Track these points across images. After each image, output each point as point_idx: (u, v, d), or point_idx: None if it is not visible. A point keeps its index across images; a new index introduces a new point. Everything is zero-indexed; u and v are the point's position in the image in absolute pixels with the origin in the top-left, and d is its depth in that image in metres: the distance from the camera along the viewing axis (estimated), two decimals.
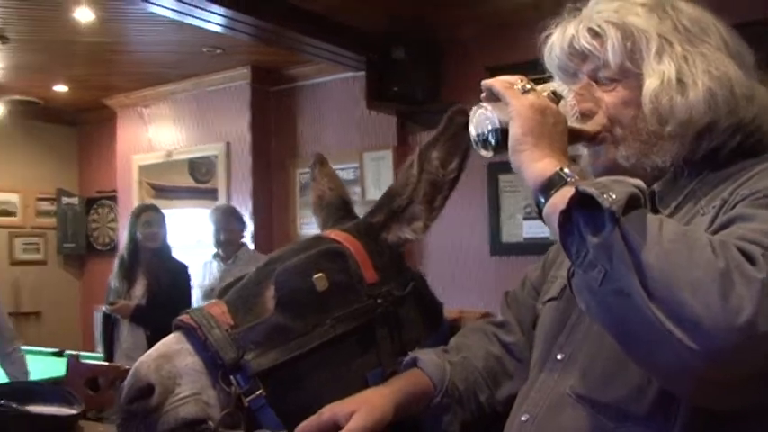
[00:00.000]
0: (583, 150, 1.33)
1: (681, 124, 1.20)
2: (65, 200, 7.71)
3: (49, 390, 1.67)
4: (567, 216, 1.02)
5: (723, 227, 1.06)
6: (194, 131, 6.36)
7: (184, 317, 1.36)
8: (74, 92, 6.78)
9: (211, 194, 6.22)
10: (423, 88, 5.01)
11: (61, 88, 6.71)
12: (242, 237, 5.00)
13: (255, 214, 5.94)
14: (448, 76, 5.10)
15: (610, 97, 1.26)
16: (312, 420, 1.27)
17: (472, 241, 5.18)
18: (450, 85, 5.08)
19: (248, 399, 1.31)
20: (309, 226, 5.93)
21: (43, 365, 4.31)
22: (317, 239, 1.52)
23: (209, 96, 6.23)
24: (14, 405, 1.50)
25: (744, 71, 1.24)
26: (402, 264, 1.56)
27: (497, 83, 1.20)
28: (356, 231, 1.53)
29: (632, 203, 0.98)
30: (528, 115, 1.15)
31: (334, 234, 1.52)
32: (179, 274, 4.78)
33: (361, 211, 1.69)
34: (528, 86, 1.17)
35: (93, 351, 5.83)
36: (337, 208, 1.72)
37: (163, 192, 6.65)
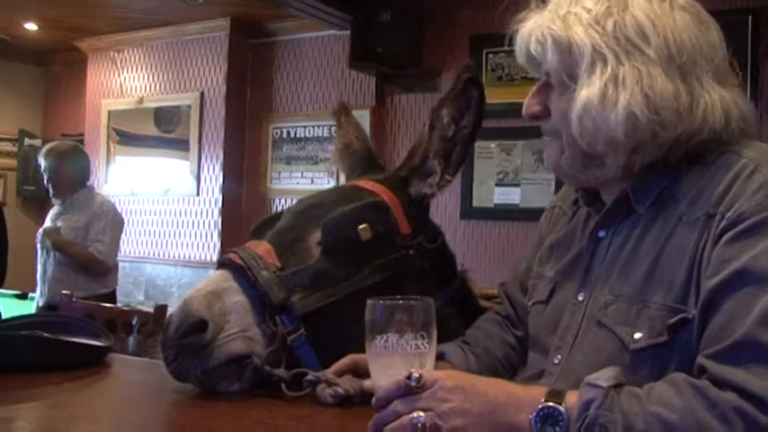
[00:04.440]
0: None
1: (606, 144, 1.20)
2: (27, 141, 7.55)
3: (75, 323, 1.69)
4: None
5: (722, 289, 1.06)
6: (168, 80, 6.29)
7: (232, 255, 1.41)
8: (44, 31, 6.63)
9: (182, 145, 6.17)
10: (405, 51, 5.05)
11: (31, 26, 6.55)
12: (79, 178, 4.47)
13: (226, 166, 5.92)
14: (431, 41, 5.14)
15: (557, 105, 1.26)
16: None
17: (444, 204, 5.26)
18: (432, 51, 5.13)
19: (291, 338, 1.37)
20: (279, 181, 5.95)
21: (7, 307, 4.28)
22: (356, 189, 1.58)
23: (185, 45, 6.17)
24: (46, 335, 1.53)
25: (690, 77, 1.18)
26: (427, 217, 1.64)
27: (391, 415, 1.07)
28: (389, 184, 1.59)
29: None
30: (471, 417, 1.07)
31: (371, 185, 1.58)
32: None
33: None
34: (416, 376, 1.07)
35: None
36: (363, 157, 1.79)
37: (127, 138, 6.57)
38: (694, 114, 1.18)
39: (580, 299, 1.29)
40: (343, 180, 5.94)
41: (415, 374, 1.06)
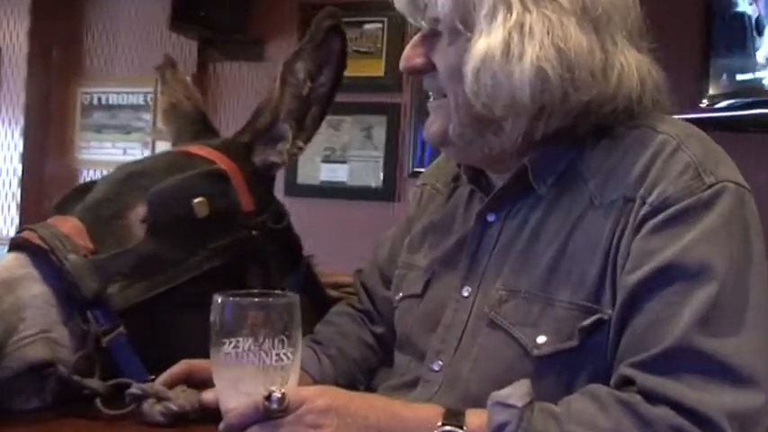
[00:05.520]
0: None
1: (507, 106, 1.01)
2: None
3: None
4: None
5: (645, 286, 0.92)
6: None
7: (29, 234, 1.12)
8: None
9: None
10: (230, 16, 4.74)
11: None
12: None
13: (28, 132, 5.36)
14: (258, 6, 4.83)
15: (444, 57, 1.07)
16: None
17: None
18: (259, 17, 4.83)
19: (107, 339, 1.10)
20: (88, 151, 5.46)
21: None
22: (188, 156, 1.32)
23: None
24: None
25: (605, 35, 1.03)
26: (272, 192, 1.41)
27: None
28: (228, 150, 1.34)
29: None
30: None
31: (206, 151, 1.33)
32: None
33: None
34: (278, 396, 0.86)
35: None
36: (194, 120, 1.52)
37: None
38: (609, 77, 1.01)
39: (465, 294, 1.10)
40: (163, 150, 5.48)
41: (277, 394, 0.85)
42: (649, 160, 0.98)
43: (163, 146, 5.40)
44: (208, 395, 1.04)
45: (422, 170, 4.35)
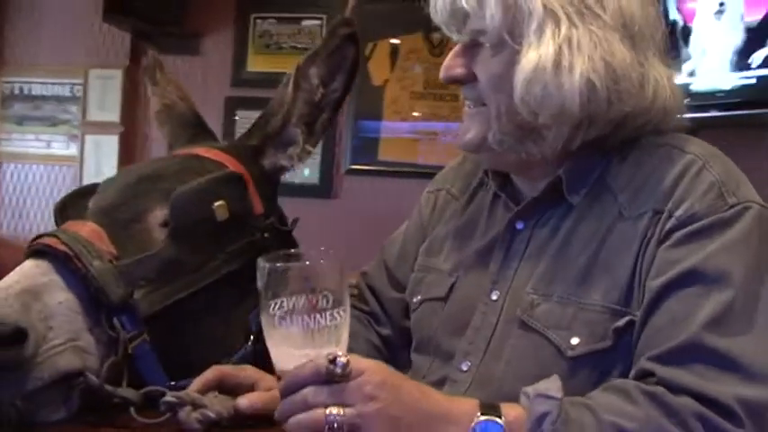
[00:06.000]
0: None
1: (554, 115, 1.06)
2: None
3: None
4: None
5: (667, 288, 0.98)
6: None
7: (50, 240, 1.08)
8: None
9: None
10: (166, 8, 4.63)
11: None
12: None
13: None
14: (194, 0, 4.76)
15: (487, 67, 1.11)
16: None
17: None
18: (195, 10, 4.72)
19: (132, 345, 1.08)
20: (9, 143, 5.25)
21: None
22: (197, 159, 1.31)
23: None
24: None
25: (639, 51, 1.09)
26: (276, 195, 1.41)
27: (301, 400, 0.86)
28: (237, 153, 1.34)
29: None
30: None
31: (214, 154, 1.32)
32: None
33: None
34: (343, 361, 0.85)
35: None
36: (189, 121, 1.51)
37: None
38: (646, 90, 1.08)
39: (494, 297, 1.14)
40: (90, 146, 5.28)
41: (342, 359, 0.84)
42: (677, 177, 1.04)
43: (92, 139, 5.23)
44: (242, 401, 1.04)
45: (358, 167, 4.39)
